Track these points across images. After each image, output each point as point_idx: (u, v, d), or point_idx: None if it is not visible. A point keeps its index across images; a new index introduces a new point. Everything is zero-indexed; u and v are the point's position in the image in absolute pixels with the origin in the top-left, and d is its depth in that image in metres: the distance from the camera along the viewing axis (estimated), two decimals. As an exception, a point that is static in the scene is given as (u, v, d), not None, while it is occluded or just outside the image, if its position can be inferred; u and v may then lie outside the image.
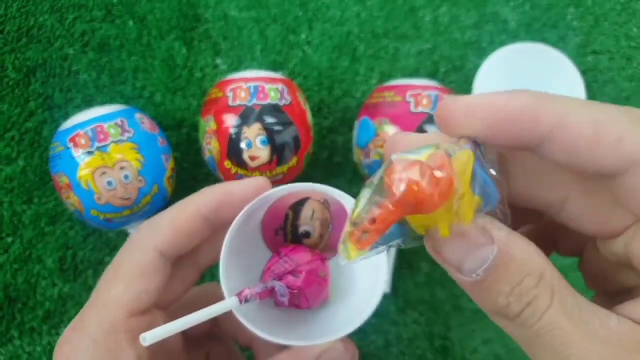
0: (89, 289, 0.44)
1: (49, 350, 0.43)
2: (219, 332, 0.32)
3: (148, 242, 0.24)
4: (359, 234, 0.17)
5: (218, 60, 0.48)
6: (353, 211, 0.17)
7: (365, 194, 0.17)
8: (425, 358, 0.45)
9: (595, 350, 0.16)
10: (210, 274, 0.44)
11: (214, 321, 0.31)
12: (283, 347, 0.25)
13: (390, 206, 0.16)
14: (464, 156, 0.17)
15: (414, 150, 0.17)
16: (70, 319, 0.43)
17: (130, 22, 0.48)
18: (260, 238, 0.27)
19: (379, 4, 0.50)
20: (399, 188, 0.16)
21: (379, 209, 0.17)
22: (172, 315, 0.26)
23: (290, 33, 0.49)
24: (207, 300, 0.30)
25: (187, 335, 0.29)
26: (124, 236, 0.44)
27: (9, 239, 0.44)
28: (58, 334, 0.43)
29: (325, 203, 0.26)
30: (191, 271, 0.28)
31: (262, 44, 0.48)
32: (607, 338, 0.16)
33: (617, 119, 0.17)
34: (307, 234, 0.27)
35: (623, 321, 0.16)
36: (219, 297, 0.30)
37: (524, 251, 0.17)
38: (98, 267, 0.44)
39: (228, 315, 0.27)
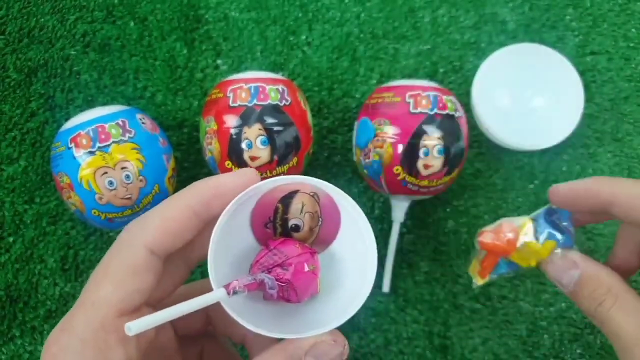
0: (90, 288, 0.44)
1: (51, 350, 0.43)
2: (212, 330, 0.32)
3: (138, 240, 0.24)
4: (478, 268, 0.32)
5: (219, 61, 0.48)
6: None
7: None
8: (424, 357, 0.45)
9: (632, 326, 0.25)
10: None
11: (207, 319, 0.31)
12: (277, 343, 0.25)
13: (481, 255, 0.32)
14: (521, 221, 0.30)
15: (493, 224, 0.31)
16: (71, 318, 0.43)
17: (132, 23, 0.48)
18: (249, 231, 0.26)
19: (378, 5, 0.50)
20: (477, 245, 0.31)
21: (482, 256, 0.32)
22: None
23: (290, 34, 0.49)
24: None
25: (180, 335, 0.29)
26: (125, 236, 0.44)
27: (11, 239, 0.44)
28: (59, 333, 0.43)
29: (315, 196, 0.26)
30: (181, 267, 0.27)
31: (263, 45, 0.49)
32: None
33: None
34: (296, 228, 0.27)
35: None
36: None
37: (597, 273, 0.27)
38: (99, 266, 0.44)
39: (220, 312, 0.28)
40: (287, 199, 0.26)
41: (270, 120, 0.39)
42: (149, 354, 0.24)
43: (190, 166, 0.46)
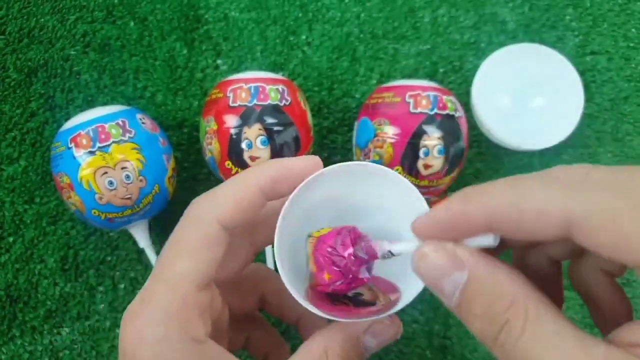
0: (90, 288, 0.44)
1: (50, 350, 0.43)
2: (259, 314, 0.33)
3: (210, 215, 0.24)
4: None
5: (219, 61, 0.48)
6: None
7: None
8: (424, 357, 0.45)
9: None
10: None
11: (261, 300, 0.32)
12: (329, 323, 0.25)
13: None
14: None
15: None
16: (72, 319, 0.43)
17: (132, 23, 0.48)
18: (309, 216, 0.27)
19: (378, 5, 0.50)
20: None
21: None
22: (223, 294, 0.27)
23: (290, 34, 0.49)
24: (258, 281, 0.31)
25: (233, 316, 0.29)
26: (125, 236, 0.44)
27: (11, 239, 0.44)
28: (59, 334, 0.43)
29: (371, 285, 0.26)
30: (246, 250, 0.28)
31: (263, 45, 0.49)
32: (585, 356, 0.16)
33: (534, 195, 0.18)
34: (358, 294, 0.27)
35: (612, 350, 0.16)
36: (269, 278, 0.31)
37: (494, 277, 0.18)
38: (99, 266, 0.44)
39: (275, 293, 0.31)
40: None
41: (270, 120, 0.39)
42: (213, 332, 0.25)
43: (190, 166, 0.46)
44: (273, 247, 0.25)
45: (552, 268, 0.24)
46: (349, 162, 0.25)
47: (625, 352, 0.16)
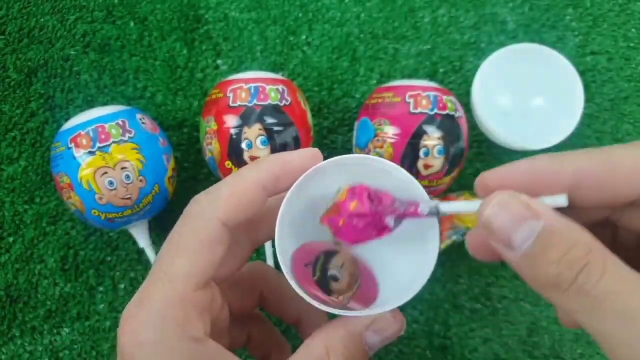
0: (90, 288, 0.44)
1: (50, 350, 0.43)
2: (260, 313, 0.33)
3: (209, 212, 0.24)
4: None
5: (219, 61, 0.48)
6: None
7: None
8: (424, 357, 0.45)
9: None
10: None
11: (260, 299, 0.31)
12: (329, 321, 0.25)
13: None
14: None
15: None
16: (72, 319, 0.43)
17: (132, 23, 0.48)
18: (310, 210, 0.27)
19: (378, 5, 0.50)
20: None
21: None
22: (222, 292, 0.26)
23: (290, 34, 0.49)
24: (257, 278, 0.31)
25: (233, 315, 0.29)
26: (125, 236, 0.44)
27: (11, 239, 0.44)
28: (59, 334, 0.43)
29: (355, 260, 0.26)
30: (245, 247, 0.28)
31: (263, 45, 0.49)
32: None
33: (626, 155, 0.19)
34: (334, 278, 0.27)
35: None
36: (269, 276, 0.31)
37: (569, 226, 0.18)
38: (99, 266, 0.44)
39: (275, 291, 0.30)
40: (330, 253, 0.27)
41: (270, 120, 0.39)
42: (212, 331, 0.25)
43: (190, 166, 0.46)
44: (273, 243, 0.25)
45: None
46: (350, 155, 0.25)
47: None
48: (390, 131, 0.39)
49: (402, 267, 0.27)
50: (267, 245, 0.43)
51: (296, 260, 0.27)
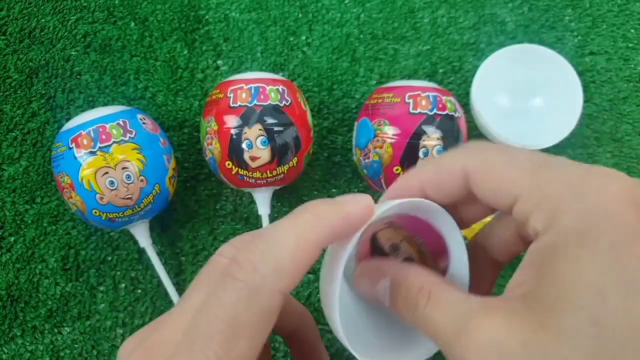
0: (91, 287, 0.44)
1: (51, 349, 0.43)
2: None
3: (271, 285, 0.21)
4: None
5: (219, 62, 0.48)
6: None
7: None
8: (424, 356, 0.45)
9: (452, 324, 0.21)
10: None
11: None
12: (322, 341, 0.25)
13: None
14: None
15: None
16: (72, 318, 0.44)
17: (132, 24, 0.48)
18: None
19: (378, 6, 0.50)
20: None
21: None
22: None
23: (290, 35, 0.49)
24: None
25: None
26: (126, 235, 0.44)
27: (12, 239, 0.44)
28: (60, 333, 0.43)
29: (392, 225, 0.26)
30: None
31: (263, 46, 0.49)
32: (459, 310, 0.21)
33: (447, 156, 0.24)
34: (395, 247, 0.26)
35: (488, 299, 0.22)
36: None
37: (405, 274, 0.23)
38: (100, 266, 0.44)
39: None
40: (376, 234, 0.26)
41: (270, 120, 0.39)
42: None
43: (190, 166, 0.47)
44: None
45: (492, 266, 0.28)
46: (402, 201, 0.24)
47: (498, 297, 0.21)
48: (390, 131, 0.40)
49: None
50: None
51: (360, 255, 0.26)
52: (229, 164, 0.40)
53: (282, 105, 0.39)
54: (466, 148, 0.23)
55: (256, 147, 0.39)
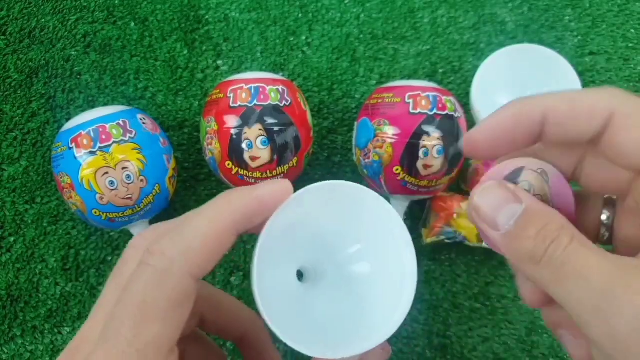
0: (91, 287, 0.44)
1: (51, 349, 0.43)
2: (196, 330, 0.29)
3: (180, 267, 0.21)
4: (429, 229, 0.35)
5: (219, 62, 0.48)
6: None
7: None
8: (424, 356, 0.45)
9: (609, 269, 0.19)
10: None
11: (200, 320, 0.28)
12: (279, 342, 0.24)
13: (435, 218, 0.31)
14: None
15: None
16: (72, 318, 0.44)
17: (132, 24, 0.48)
18: (288, 236, 0.25)
19: (378, 6, 0.50)
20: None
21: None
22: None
23: (290, 35, 0.49)
24: (199, 300, 0.27)
25: None
26: (126, 235, 0.45)
27: (12, 239, 0.44)
28: (60, 333, 0.43)
29: (543, 174, 0.24)
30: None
31: (263, 46, 0.49)
32: (619, 261, 0.19)
33: (587, 93, 0.21)
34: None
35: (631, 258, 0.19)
36: (210, 296, 0.28)
37: (546, 209, 0.21)
38: (100, 266, 0.44)
39: (216, 310, 0.27)
40: (513, 176, 0.24)
41: (270, 120, 0.39)
42: None
43: (190, 166, 0.47)
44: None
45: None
46: (321, 183, 0.24)
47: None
48: (390, 131, 0.40)
49: (381, 297, 0.26)
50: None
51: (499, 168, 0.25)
52: (229, 164, 0.40)
53: (282, 105, 0.39)
54: (606, 90, 0.21)
55: (256, 147, 0.39)
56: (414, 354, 0.45)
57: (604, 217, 0.24)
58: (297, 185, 0.24)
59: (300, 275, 0.27)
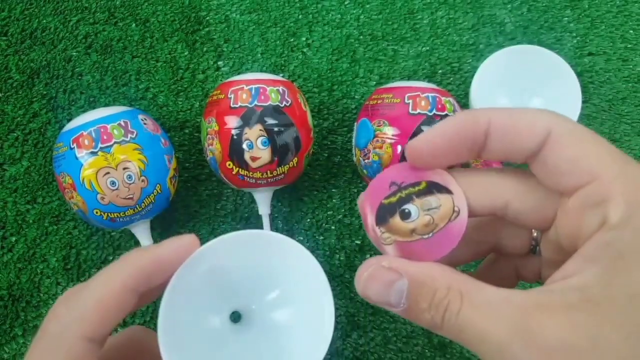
0: (92, 287, 0.44)
1: (53, 348, 0.43)
2: None
3: (74, 331, 0.21)
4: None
5: (220, 63, 0.49)
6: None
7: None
8: (423, 355, 0.45)
9: (504, 326, 0.19)
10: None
11: None
12: None
13: None
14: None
15: None
16: (73, 318, 0.44)
17: (133, 25, 0.48)
18: (208, 280, 0.25)
19: (377, 7, 0.50)
20: None
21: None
22: None
23: (290, 36, 0.49)
24: (134, 347, 0.27)
25: None
26: (127, 235, 0.45)
27: (13, 238, 0.44)
28: (62, 332, 0.43)
29: (456, 213, 0.23)
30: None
31: (263, 47, 0.49)
32: (514, 311, 0.19)
33: (528, 111, 0.22)
34: (407, 215, 0.23)
35: (530, 292, 0.20)
36: (147, 344, 0.27)
37: (429, 275, 0.21)
38: (101, 265, 0.45)
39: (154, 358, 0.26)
40: (432, 189, 0.23)
41: (270, 121, 0.39)
42: None
43: (191, 167, 0.47)
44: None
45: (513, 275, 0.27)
46: (236, 233, 0.23)
47: (545, 290, 0.19)
48: (389, 132, 0.40)
49: (299, 346, 0.25)
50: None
51: (388, 173, 0.24)
52: (229, 164, 0.40)
53: (282, 105, 0.40)
54: (545, 110, 0.21)
55: (257, 147, 0.39)
56: (413, 353, 0.45)
57: (534, 233, 0.25)
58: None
59: (239, 316, 0.27)
